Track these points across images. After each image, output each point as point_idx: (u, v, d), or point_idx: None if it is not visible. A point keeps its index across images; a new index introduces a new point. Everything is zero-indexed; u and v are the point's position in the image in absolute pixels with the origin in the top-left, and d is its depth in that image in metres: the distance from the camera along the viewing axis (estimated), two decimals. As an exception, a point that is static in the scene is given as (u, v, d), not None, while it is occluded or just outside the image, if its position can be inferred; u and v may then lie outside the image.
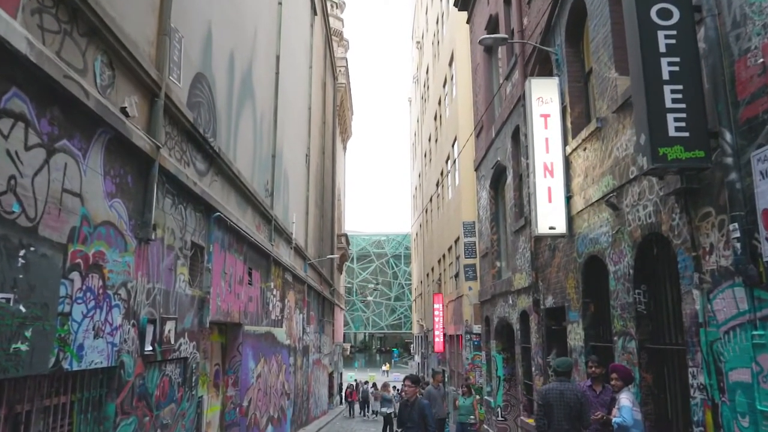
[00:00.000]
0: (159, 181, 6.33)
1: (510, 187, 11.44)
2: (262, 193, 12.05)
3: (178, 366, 7.04)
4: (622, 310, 6.19)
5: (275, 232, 13.36)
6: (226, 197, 9.26)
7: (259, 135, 12.02)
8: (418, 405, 6.72)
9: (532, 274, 9.61)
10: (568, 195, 7.98)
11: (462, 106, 19.16)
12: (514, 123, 11.13)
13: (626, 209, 6.13)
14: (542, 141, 8.13)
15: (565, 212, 7.92)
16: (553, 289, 8.71)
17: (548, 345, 9.05)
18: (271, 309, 12.99)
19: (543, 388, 5.31)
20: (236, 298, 9.83)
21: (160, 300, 6.37)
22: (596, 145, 7.03)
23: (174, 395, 6.88)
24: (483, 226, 14.38)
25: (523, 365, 10.67)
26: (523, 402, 10.59)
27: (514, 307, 11.15)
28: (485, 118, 14.06)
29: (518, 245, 10.80)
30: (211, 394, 9.32)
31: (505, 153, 11.90)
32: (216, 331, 9.61)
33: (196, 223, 7.73)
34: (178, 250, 6.97)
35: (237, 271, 9.92)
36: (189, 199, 7.39)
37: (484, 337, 14.68)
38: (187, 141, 7.33)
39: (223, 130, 9.22)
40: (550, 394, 5.20)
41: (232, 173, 9.37)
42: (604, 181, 6.68)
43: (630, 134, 6.07)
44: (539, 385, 9.43)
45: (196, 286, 7.80)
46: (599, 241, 6.87)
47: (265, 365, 12.26)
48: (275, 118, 13.61)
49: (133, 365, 5.65)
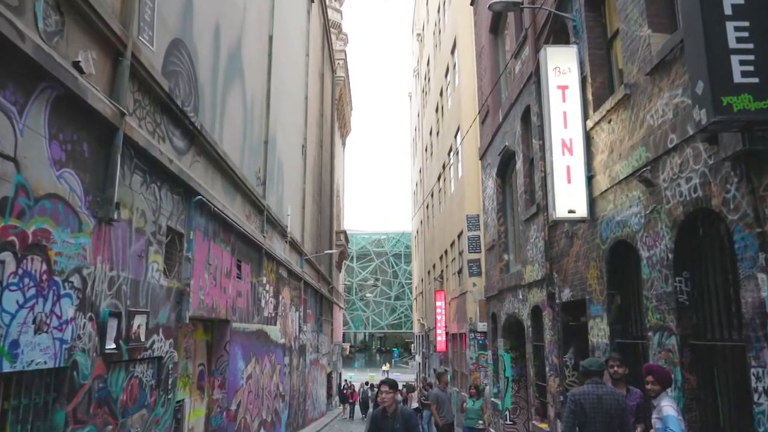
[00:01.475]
0: (125, 154, 5.51)
1: (520, 173, 10.62)
2: (252, 181, 11.23)
3: (150, 366, 6.21)
4: (658, 301, 5.37)
5: (268, 223, 12.54)
6: (210, 181, 8.44)
7: (249, 119, 11.21)
8: (401, 415, 5.36)
9: (545, 265, 8.79)
10: (589, 174, 7.15)
11: (465, 94, 18.34)
12: (524, 103, 10.31)
13: (663, 184, 5.30)
14: (560, 115, 7.30)
15: (586, 194, 7.10)
16: (570, 281, 7.88)
17: (565, 343, 8.22)
18: (264, 305, 12.16)
19: (576, 392, 4.49)
20: (223, 293, 9.01)
21: (127, 291, 5.54)
22: (624, 115, 6.20)
23: (145, 400, 6.05)
24: (489, 217, 13.56)
25: (534, 365, 9.84)
26: (535, 405, 9.77)
27: (524, 303, 10.32)
28: (491, 103, 13.24)
29: (529, 235, 9.97)
30: (194, 398, 8.50)
31: (513, 137, 11.08)
32: (200, 328, 8.78)
33: (174, 206, 6.91)
34: (150, 235, 6.14)
35: (224, 263, 9.10)
36: (164, 179, 6.56)
37: (490, 336, 13.85)
38: (161, 113, 6.51)
39: (207, 107, 8.40)
40: (586, 399, 4.36)
41: (218, 155, 8.54)
42: (635, 154, 5.85)
43: (668, 97, 5.24)
44: (554, 387, 8.61)
45: (174, 277, 6.97)
46: (628, 223, 6.05)
47: (257, 365, 11.43)
48: (268, 102, 12.79)
49: (91, 366, 4.83)
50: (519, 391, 11.74)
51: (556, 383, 8.46)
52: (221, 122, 9.13)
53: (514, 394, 11.77)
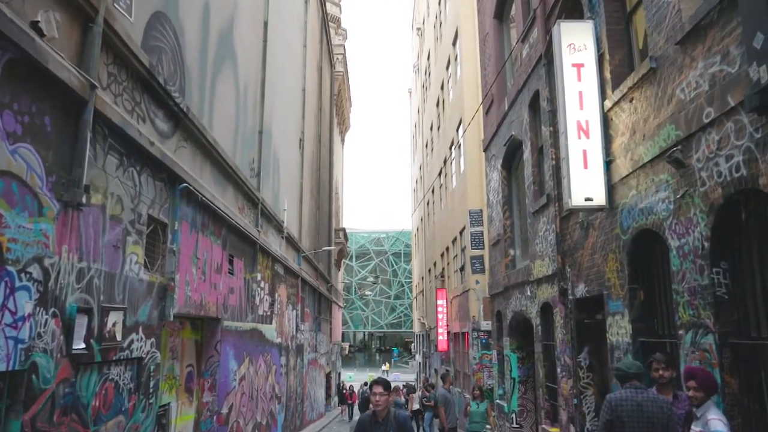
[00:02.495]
0: (98, 132, 4.95)
1: (527, 163, 10.06)
2: (246, 172, 10.67)
3: (129, 368, 5.65)
4: (691, 295, 4.81)
5: (263, 217, 11.98)
6: (198, 169, 7.88)
7: (242, 106, 10.64)
8: (395, 421, 4.54)
9: (557, 259, 8.23)
10: (607, 159, 6.59)
11: (467, 86, 17.78)
12: (532, 89, 9.75)
13: (697, 165, 4.75)
14: (575, 95, 6.74)
15: (605, 180, 6.54)
16: (585, 276, 7.33)
17: (579, 342, 7.67)
18: (258, 303, 11.61)
19: (613, 398, 3.90)
20: (213, 289, 8.45)
21: (100, 284, 4.98)
22: (648, 91, 5.64)
23: (122, 405, 5.49)
24: (494, 211, 13.00)
25: (544, 366, 9.28)
26: (545, 408, 9.21)
27: (532, 300, 9.76)
28: (496, 92, 12.68)
29: (538, 228, 9.42)
30: (182, 401, 7.94)
31: (521, 125, 10.52)
32: (188, 327, 8.22)
33: (156, 193, 6.35)
34: (127, 223, 5.58)
35: (214, 258, 8.54)
36: (145, 163, 6.00)
37: (495, 334, 13.30)
38: (141, 91, 5.95)
39: (195, 89, 7.84)
40: (623, 407, 3.78)
41: (207, 141, 7.98)
42: (663, 133, 5.29)
43: (702, 67, 4.69)
44: (566, 389, 8.05)
45: (156, 270, 6.41)
46: (654, 210, 5.49)
47: (251, 366, 10.87)
48: (262, 91, 12.23)
49: (54, 368, 4.27)
50: (526, 392, 11.19)
51: (569, 385, 7.91)
52: (211, 107, 8.57)
53: (521, 395, 11.22)
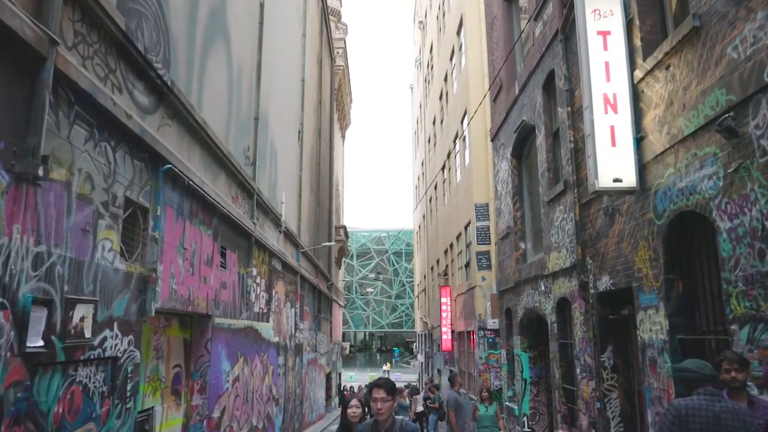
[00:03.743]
0: (61, 97, 4.30)
1: (541, 149, 9.39)
2: (240, 160, 10.01)
3: (101, 369, 4.99)
4: (747, 284, 4.15)
5: (259, 209, 11.33)
6: (186, 151, 7.22)
7: (236, 90, 9.99)
8: (400, 430, 3.72)
9: (576, 250, 7.57)
10: (638, 136, 5.93)
11: (473, 75, 17.12)
12: (546, 69, 9.09)
13: (756, 132, 4.08)
14: (601, 66, 6.08)
15: (635, 159, 5.87)
16: (610, 267, 6.66)
17: (602, 340, 7.00)
18: (254, 300, 10.94)
19: (681, 406, 3.19)
20: (202, 283, 7.79)
21: (64, 273, 4.32)
22: (690, 54, 4.98)
23: (93, 410, 4.83)
24: (502, 203, 12.33)
25: (561, 366, 8.62)
26: (562, 411, 8.54)
27: (547, 295, 9.10)
28: (504, 77, 12.02)
29: (554, 218, 8.75)
30: (168, 404, 7.28)
31: (533, 109, 9.86)
32: (175, 324, 7.56)
33: (135, 174, 5.68)
34: (99, 205, 4.92)
35: (203, 249, 7.88)
36: (122, 139, 5.34)
37: (504, 333, 12.63)
38: (117, 57, 5.28)
39: (182, 64, 7.18)
40: (696, 418, 3.08)
41: (195, 122, 7.33)
42: (709, 100, 4.63)
43: (763, 18, 4.02)
44: (587, 391, 7.39)
45: (136, 260, 5.75)
46: (698, 189, 4.82)
47: (246, 366, 10.21)
48: (258, 75, 11.57)
49: (2, 370, 3.60)
50: (538, 394, 10.52)
51: (590, 387, 7.25)
52: (200, 86, 7.92)
53: (533, 398, 10.56)
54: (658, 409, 5.48)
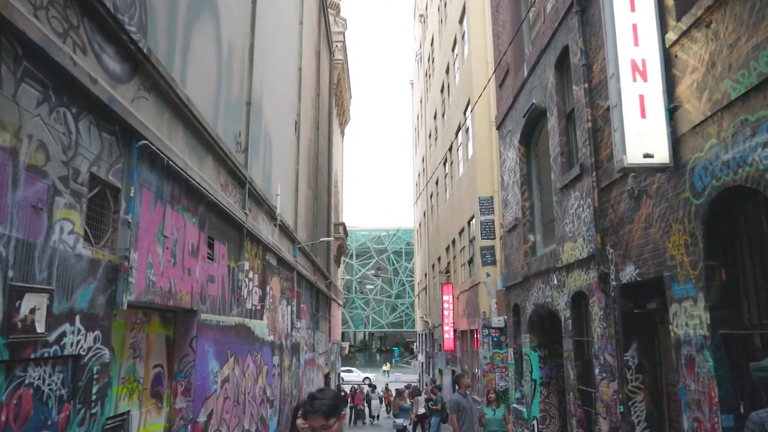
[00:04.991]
0: (4, 48, 3.64)
1: (553, 132, 8.74)
2: (231, 145, 9.35)
3: (59, 370, 4.33)
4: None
5: (252, 199, 10.67)
6: (166, 129, 6.56)
7: (226, 71, 9.33)
8: None
9: (595, 238, 6.92)
10: (671, 106, 5.27)
11: (476, 64, 16.48)
12: (559, 46, 8.44)
13: (828, 87, 3.42)
14: (628, 29, 5.42)
15: (668, 132, 5.22)
16: (636, 255, 6.00)
17: (625, 337, 6.34)
18: (246, 296, 10.29)
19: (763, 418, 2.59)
20: (186, 275, 7.13)
21: (8, 256, 3.66)
22: (738, 6, 4.32)
23: (48, 417, 4.17)
24: (509, 193, 11.68)
25: (576, 366, 7.96)
26: (578, 415, 7.88)
27: (560, 289, 8.44)
28: (512, 60, 11.37)
29: (568, 205, 8.10)
30: (147, 408, 6.62)
31: (544, 91, 9.20)
32: (156, 320, 6.90)
33: (104, 148, 5.03)
34: (57, 180, 4.26)
35: (188, 238, 7.22)
36: (86, 106, 4.68)
37: (511, 331, 11.97)
38: (80, 13, 4.62)
39: (162, 34, 6.51)
40: None
41: (178, 98, 6.67)
42: (763, 56, 3.97)
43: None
44: (607, 393, 6.73)
45: (104, 245, 5.09)
46: (749, 160, 4.16)
47: (237, 366, 9.55)
48: (251, 58, 10.90)
49: None
50: (549, 396, 9.87)
51: (612, 389, 6.59)
52: (184, 61, 7.26)
53: (543, 399, 9.91)
54: (696, 414, 4.83)
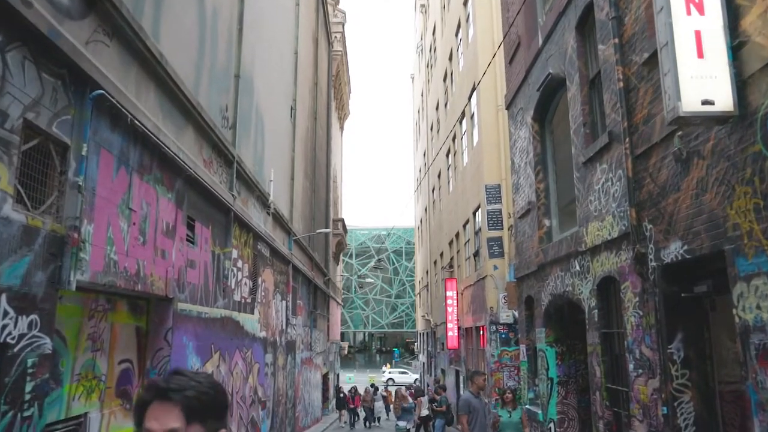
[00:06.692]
0: None
1: (574, 101, 7.83)
2: (216, 119, 8.45)
3: (-24, 361, 3.42)
4: None
5: (241, 181, 9.76)
6: (133, 86, 5.64)
7: (211, 36, 8.43)
8: None
9: (629, 214, 6.01)
10: (734, 43, 4.36)
11: (482, 45, 15.59)
12: (580, 5, 7.55)
13: None
14: (679, -47, 4.51)
15: (731, 73, 4.31)
16: (684, 229, 5.09)
17: (669, 326, 5.42)
18: (234, 287, 9.37)
19: None
20: (160, 257, 6.22)
21: None
22: None
23: (-43, 422, 3.27)
24: (520, 176, 10.77)
25: (603, 362, 7.04)
26: (606, 417, 6.95)
27: (583, 276, 7.53)
28: (523, 32, 10.47)
29: (593, 181, 7.19)
30: (111, 410, 5.70)
31: (563, 58, 8.30)
32: (123, 307, 5.98)
33: (45, 92, 4.11)
34: (-28, 119, 3.35)
35: (162, 215, 6.31)
36: (17, 35, 3.77)
37: (523, 326, 11.05)
38: None
39: (129, -26, 5.60)
40: None
41: (148, 51, 5.76)
42: None
43: None
44: (645, 393, 5.81)
45: (45, 211, 4.18)
46: None
47: (222, 363, 8.63)
48: (240, 27, 10.00)
49: None
50: (567, 396, 8.96)
51: (651, 387, 5.67)
52: (157, 11, 6.34)
53: (561, 400, 8.99)
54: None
